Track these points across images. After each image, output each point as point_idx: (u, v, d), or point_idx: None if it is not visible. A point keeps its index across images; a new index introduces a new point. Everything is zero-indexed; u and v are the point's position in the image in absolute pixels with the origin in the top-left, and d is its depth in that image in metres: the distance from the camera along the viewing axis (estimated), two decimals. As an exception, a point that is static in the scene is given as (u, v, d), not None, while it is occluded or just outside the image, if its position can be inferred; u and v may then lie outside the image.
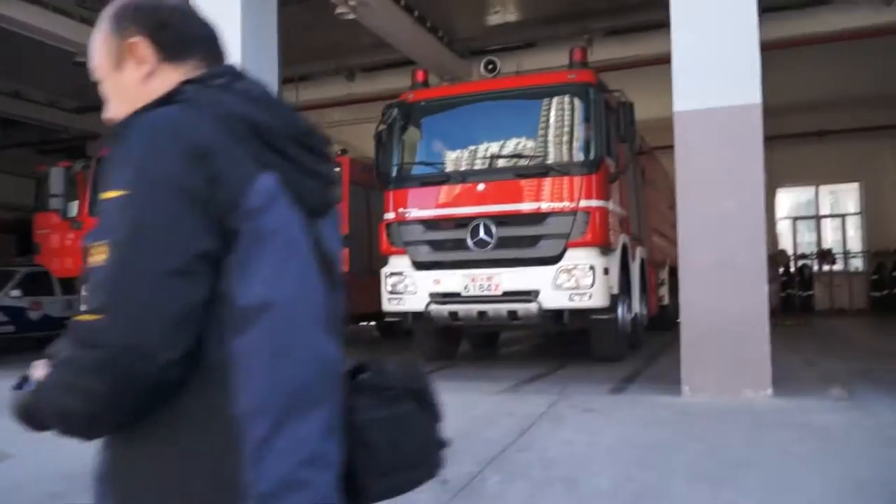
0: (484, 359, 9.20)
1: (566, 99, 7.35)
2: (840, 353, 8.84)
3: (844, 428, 4.49)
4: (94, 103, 7.81)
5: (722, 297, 5.41)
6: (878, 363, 7.68)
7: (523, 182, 7.23)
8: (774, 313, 17.23)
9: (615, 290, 7.39)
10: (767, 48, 11.74)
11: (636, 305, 8.74)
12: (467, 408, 5.44)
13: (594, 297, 6.97)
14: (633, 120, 7.39)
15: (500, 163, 7.44)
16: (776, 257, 18.78)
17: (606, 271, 7.08)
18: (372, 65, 13.56)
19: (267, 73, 7.39)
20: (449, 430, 4.23)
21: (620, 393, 5.90)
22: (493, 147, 7.55)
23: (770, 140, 16.71)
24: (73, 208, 10.09)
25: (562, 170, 7.10)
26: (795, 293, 18.34)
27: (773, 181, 18.77)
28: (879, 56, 13.40)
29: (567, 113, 7.33)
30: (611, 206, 7.44)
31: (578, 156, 7.19)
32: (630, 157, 9.08)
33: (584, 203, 7.02)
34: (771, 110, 16.71)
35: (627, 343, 8.21)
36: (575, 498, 3.49)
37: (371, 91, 13.04)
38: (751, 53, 5.37)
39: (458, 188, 7.43)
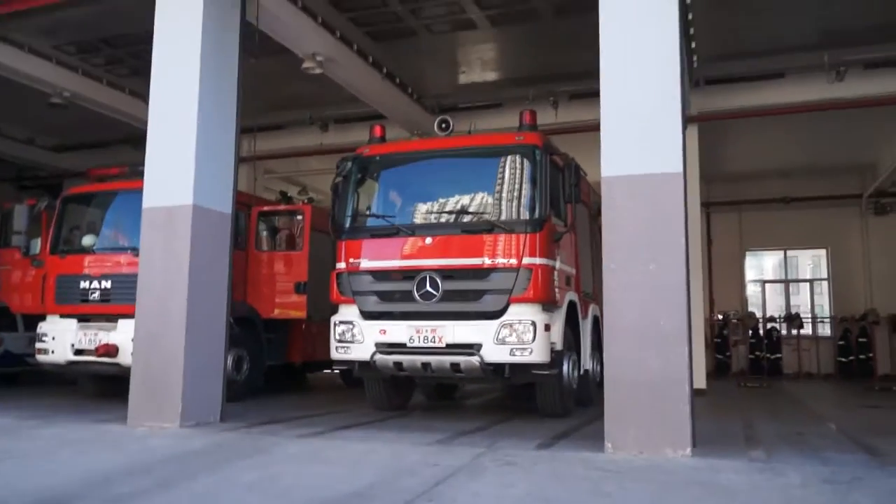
0: (434, 410, 9.29)
1: (513, 159, 7.62)
2: (786, 416, 9.01)
3: (749, 488, 4.63)
4: (71, 142, 8.27)
5: (644, 357, 5.60)
6: (815, 427, 7.86)
7: (469, 238, 7.43)
8: (742, 374, 17.48)
9: (558, 347, 7.55)
10: (727, 117, 12.40)
11: (587, 362, 8.91)
12: (395, 457, 5.59)
13: (535, 352, 7.13)
14: (578, 181, 7.66)
15: (448, 218, 7.67)
16: (744, 320, 19.08)
17: (548, 328, 7.25)
18: (344, 117, 13.96)
19: (225, 122, 7.67)
20: (369, 478, 4.45)
21: (546, 448, 6.01)
22: (442, 203, 7.79)
23: (739, 205, 17.29)
24: (36, 246, 10.23)
25: (506, 227, 7.33)
26: (764, 356, 18.54)
27: (743, 244, 19.23)
28: (840, 127, 13.92)
29: (514, 173, 7.61)
30: (556, 263, 7.67)
31: (523, 214, 7.43)
32: (585, 217, 9.39)
33: (527, 260, 7.23)
34: (740, 176, 17.38)
35: (573, 400, 8.35)
36: (464, 548, 3.61)
37: (343, 142, 13.38)
38: (673, 124, 5.68)
39: (406, 241, 7.63)
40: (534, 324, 7.11)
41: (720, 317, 18.88)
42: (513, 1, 9.88)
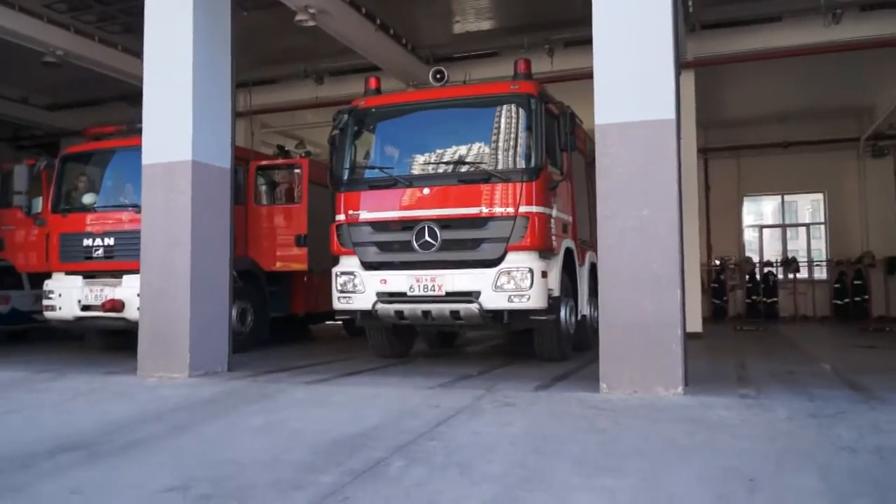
0: (435, 357, 9.52)
1: (508, 109, 7.69)
2: (779, 357, 9.22)
3: (737, 423, 4.83)
4: (66, 101, 8.40)
5: (637, 301, 5.76)
6: (807, 367, 8.07)
7: (466, 187, 7.54)
8: (738, 318, 17.74)
9: (556, 293, 7.72)
10: (724, 62, 12.36)
11: (584, 308, 9.10)
12: (399, 400, 5.80)
13: (532, 298, 7.30)
14: (574, 129, 7.73)
15: (445, 168, 7.77)
16: (741, 265, 19.29)
17: (545, 274, 7.41)
18: (339, 69, 13.91)
19: (220, 77, 7.70)
20: (374, 420, 4.65)
21: (544, 390, 6.22)
22: (439, 153, 7.89)
23: (737, 150, 17.32)
24: (38, 205, 10.34)
25: (503, 176, 7.43)
26: (760, 300, 18.79)
27: (740, 190, 19.31)
28: (837, 71, 13.88)
29: (509, 122, 7.68)
30: (553, 211, 7.79)
31: (519, 163, 7.52)
32: (582, 165, 9.47)
33: (523, 208, 7.35)
34: (738, 122, 17.38)
35: (571, 344, 8.56)
36: (465, 481, 3.81)
37: (338, 95, 13.35)
38: (665, 71, 5.73)
39: (404, 192, 7.74)
40: (531, 271, 7.27)
41: (717, 262, 19.07)
42: (506, -53, 9.80)
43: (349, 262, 7.93)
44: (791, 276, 18.86)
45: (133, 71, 11.67)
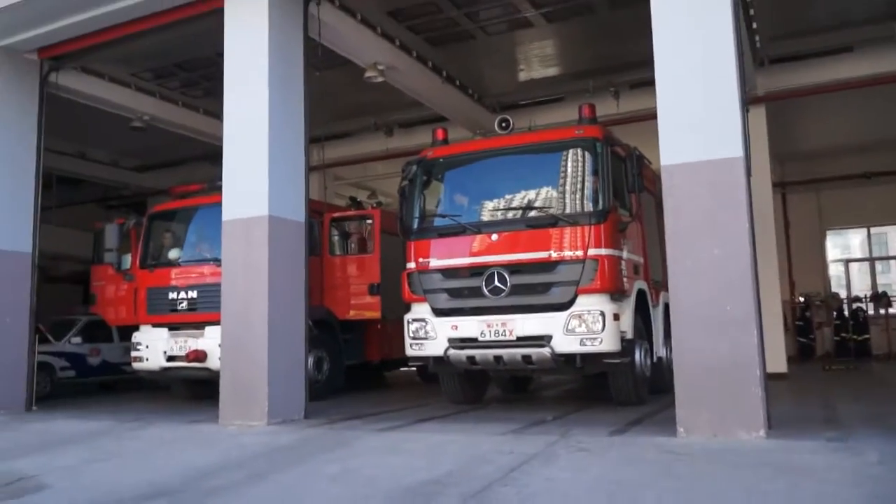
0: (509, 402, 9.47)
1: (575, 153, 7.74)
2: (870, 398, 8.81)
3: (823, 468, 4.64)
4: (152, 162, 8.92)
5: (712, 342, 5.63)
6: (899, 408, 7.68)
7: (535, 232, 7.58)
8: (827, 357, 16.99)
9: (629, 335, 7.62)
10: (795, 95, 12.12)
11: (660, 350, 8.93)
12: (472, 446, 5.80)
13: (605, 341, 7.22)
14: (641, 170, 7.70)
15: (513, 214, 7.83)
16: (827, 301, 18.50)
17: (617, 317, 7.33)
18: (408, 121, 14.29)
19: (294, 135, 8.05)
20: (447, 467, 4.71)
21: (619, 434, 6.12)
22: (507, 199, 7.97)
23: (816, 183, 16.77)
24: (127, 261, 10.90)
25: (570, 220, 7.44)
26: (850, 337, 17.95)
27: (822, 224, 18.66)
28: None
29: (576, 166, 7.72)
30: (623, 253, 7.74)
31: (586, 206, 7.53)
32: (652, 205, 9.39)
33: (592, 251, 7.33)
34: (815, 154, 16.85)
35: (647, 387, 8.39)
36: (538, 528, 3.79)
37: (408, 146, 13.67)
38: (731, 108, 5.68)
39: (473, 238, 7.83)
40: (602, 313, 7.21)
41: (801, 299, 18.37)
42: (566, -3, 9.97)
43: (421, 309, 8.04)
44: (883, 311, 17.97)
45: (214, 132, 12.28)
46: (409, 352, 8.11)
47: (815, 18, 10.94)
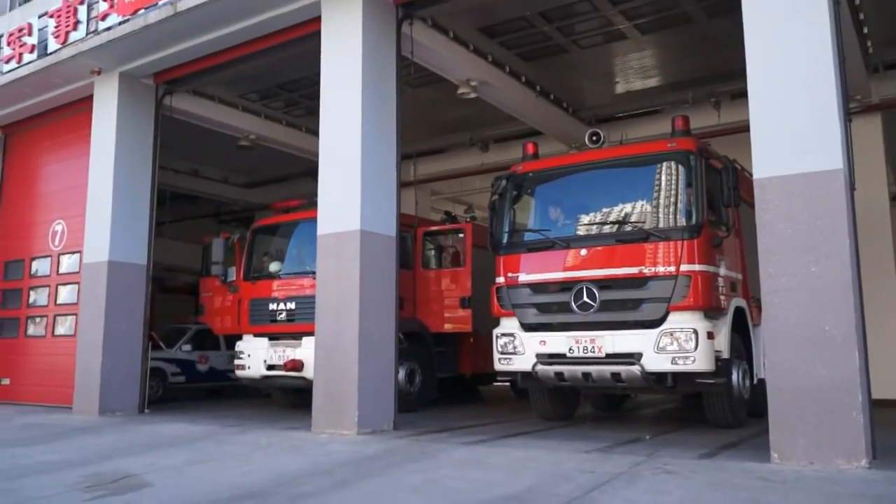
0: (600, 420, 9.31)
1: (668, 166, 7.56)
2: None
3: (929, 502, 4.35)
4: (259, 179, 9.47)
5: (809, 364, 5.38)
6: None
7: (625, 247, 7.45)
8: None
9: (725, 355, 7.36)
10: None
11: (760, 371, 8.55)
12: (554, 464, 5.76)
13: (698, 360, 7.00)
14: (738, 184, 7.43)
15: (603, 229, 7.74)
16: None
17: (711, 335, 7.10)
18: (503, 136, 14.35)
19: (387, 151, 8.27)
20: (526, 483, 4.74)
21: (709, 458, 5.92)
22: (597, 214, 7.88)
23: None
24: (232, 273, 11.45)
25: (662, 235, 7.27)
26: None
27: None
28: None
29: (668, 179, 7.55)
30: (719, 269, 7.50)
31: (679, 221, 7.33)
32: (752, 219, 9.04)
33: (685, 267, 7.13)
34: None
35: (745, 410, 8.07)
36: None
37: (503, 160, 13.71)
38: (830, 118, 5.44)
39: (563, 253, 7.77)
40: (695, 331, 7.00)
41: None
42: (662, 8, 9.79)
43: (509, 324, 8.05)
44: None
45: (315, 149, 12.68)
46: (498, 366, 8.13)
47: (933, 21, 10.28)
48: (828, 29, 5.54)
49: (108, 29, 9.72)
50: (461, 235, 10.90)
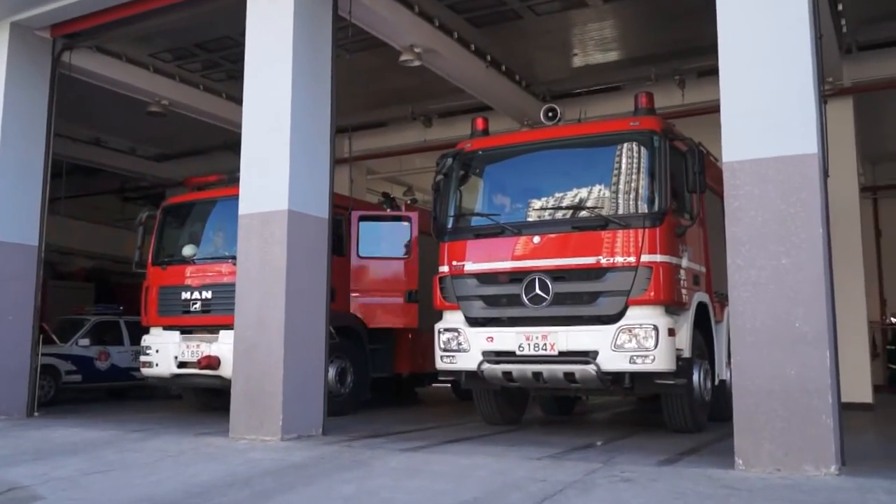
0: (550, 424, 9.40)
1: (629, 147, 7.64)
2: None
3: (901, 510, 4.50)
4: (172, 151, 9.15)
5: (778, 364, 5.50)
6: None
7: (581, 235, 7.51)
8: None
9: (686, 354, 7.49)
10: (888, 87, 11.76)
11: (722, 372, 8.76)
12: (502, 472, 5.77)
13: (658, 360, 7.10)
14: (704, 168, 7.56)
15: (558, 215, 7.78)
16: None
17: (672, 332, 7.21)
18: (448, 110, 14.30)
19: (320, 123, 8.13)
20: (471, 493, 4.70)
21: (669, 465, 6.01)
22: (551, 198, 7.92)
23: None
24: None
25: (622, 222, 7.35)
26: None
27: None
28: None
29: (630, 162, 7.62)
30: (681, 261, 7.62)
31: (640, 207, 7.43)
32: (717, 208, 9.23)
33: (646, 258, 7.23)
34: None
35: (706, 413, 8.25)
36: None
37: (448, 137, 13.61)
38: (805, 99, 5.56)
39: (513, 241, 7.79)
40: (656, 328, 7.10)
41: (894, 320, 17.85)
42: (627, -27, 9.88)
43: (453, 318, 8.03)
44: None
45: (236, 119, 12.37)
46: (440, 365, 8.11)
47: (912, -2, 10.63)
48: (805, 2, 5.65)
49: (-4, -29, 9.29)
50: (406, 224, 10.83)
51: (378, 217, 11.22)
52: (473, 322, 7.88)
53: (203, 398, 11.29)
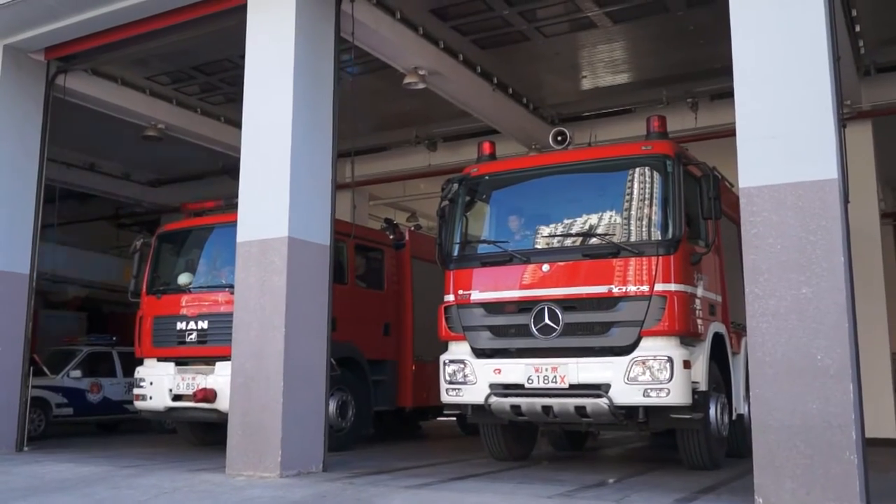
0: (561, 460, 9.32)
1: (641, 172, 7.64)
2: None
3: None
4: (168, 176, 9.19)
5: (799, 398, 5.45)
6: None
7: (593, 263, 7.49)
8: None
9: (702, 387, 7.44)
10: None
11: (740, 406, 8.70)
12: (510, 512, 5.71)
13: (673, 393, 7.05)
14: (719, 194, 7.55)
15: (568, 242, 7.77)
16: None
17: (687, 364, 7.17)
18: (453, 134, 14.37)
19: (321, 147, 8.17)
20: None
21: (687, 503, 5.96)
22: (561, 225, 7.92)
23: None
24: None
25: (634, 250, 7.33)
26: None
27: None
28: None
29: (642, 187, 7.62)
30: (697, 290, 7.60)
31: (654, 234, 7.42)
32: (734, 235, 9.22)
33: (660, 287, 7.20)
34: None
35: (724, 449, 8.18)
36: None
37: (453, 162, 13.75)
38: (824, 123, 5.56)
39: (521, 269, 7.77)
40: (670, 360, 7.05)
41: (918, 351, 17.73)
42: (635, -5, 9.96)
43: (459, 349, 7.99)
44: None
45: (235, 143, 12.48)
46: (445, 398, 8.06)
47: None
48: (823, 22, 5.68)
49: (-9, -7, 9.37)
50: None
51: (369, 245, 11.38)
52: (480, 353, 7.84)
53: (199, 432, 11.22)
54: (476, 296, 7.94)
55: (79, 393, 12.99)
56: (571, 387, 7.35)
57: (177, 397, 9.93)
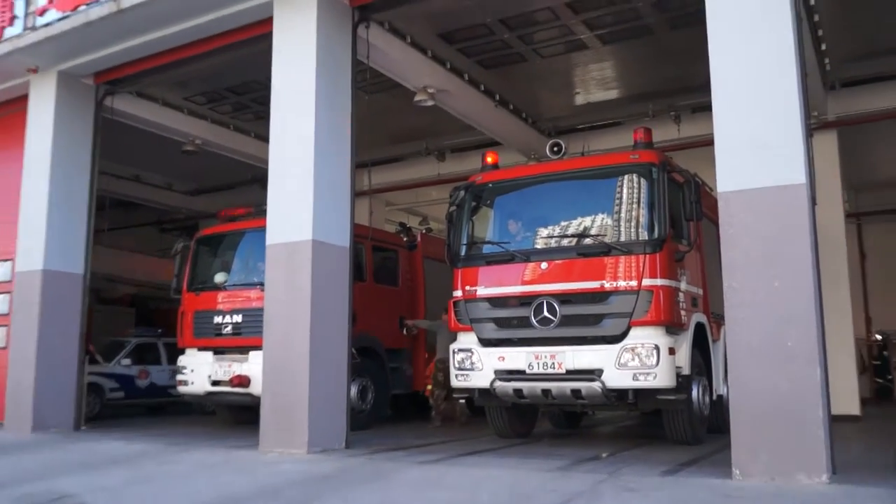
0: (559, 438, 9.33)
1: (629, 178, 7.65)
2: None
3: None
4: (205, 186, 9.27)
5: (771, 380, 5.46)
6: None
7: (586, 261, 7.51)
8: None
9: (685, 371, 7.44)
10: (869, 120, 11.78)
11: (720, 388, 8.69)
12: (514, 483, 5.74)
13: (659, 377, 7.07)
14: (700, 198, 7.56)
15: (564, 242, 7.78)
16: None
17: (672, 351, 7.18)
18: (460, 145, 14.39)
19: (341, 159, 8.19)
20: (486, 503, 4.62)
21: (671, 475, 5.95)
22: (557, 227, 7.93)
23: (896, 213, 15.98)
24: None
25: (624, 249, 7.35)
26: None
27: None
28: None
29: (630, 192, 7.63)
30: (680, 284, 7.60)
31: (641, 234, 7.42)
32: (713, 235, 9.21)
33: (647, 282, 7.21)
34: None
35: (705, 427, 8.17)
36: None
37: (460, 171, 13.70)
38: (793, 133, 5.57)
39: (522, 267, 7.79)
40: (657, 347, 7.07)
41: (879, 336, 17.68)
42: (623, 19, 9.94)
43: (467, 339, 8.02)
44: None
45: (264, 156, 12.48)
46: (455, 383, 8.10)
47: (890, 39, 10.65)
48: (792, 43, 5.68)
49: (47, 25, 9.43)
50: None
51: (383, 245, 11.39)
52: (486, 343, 7.87)
53: (235, 414, 11.28)
54: (482, 291, 7.97)
55: (129, 379, 13.08)
56: (568, 372, 7.38)
57: (215, 382, 10.02)
